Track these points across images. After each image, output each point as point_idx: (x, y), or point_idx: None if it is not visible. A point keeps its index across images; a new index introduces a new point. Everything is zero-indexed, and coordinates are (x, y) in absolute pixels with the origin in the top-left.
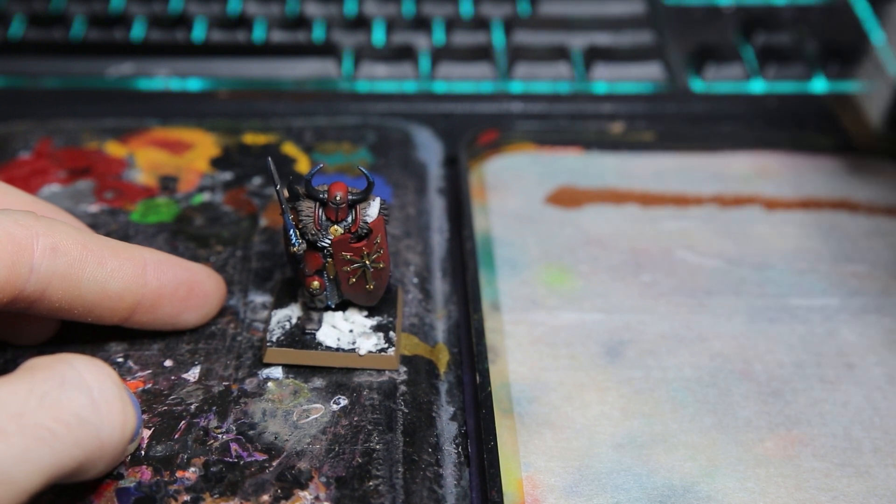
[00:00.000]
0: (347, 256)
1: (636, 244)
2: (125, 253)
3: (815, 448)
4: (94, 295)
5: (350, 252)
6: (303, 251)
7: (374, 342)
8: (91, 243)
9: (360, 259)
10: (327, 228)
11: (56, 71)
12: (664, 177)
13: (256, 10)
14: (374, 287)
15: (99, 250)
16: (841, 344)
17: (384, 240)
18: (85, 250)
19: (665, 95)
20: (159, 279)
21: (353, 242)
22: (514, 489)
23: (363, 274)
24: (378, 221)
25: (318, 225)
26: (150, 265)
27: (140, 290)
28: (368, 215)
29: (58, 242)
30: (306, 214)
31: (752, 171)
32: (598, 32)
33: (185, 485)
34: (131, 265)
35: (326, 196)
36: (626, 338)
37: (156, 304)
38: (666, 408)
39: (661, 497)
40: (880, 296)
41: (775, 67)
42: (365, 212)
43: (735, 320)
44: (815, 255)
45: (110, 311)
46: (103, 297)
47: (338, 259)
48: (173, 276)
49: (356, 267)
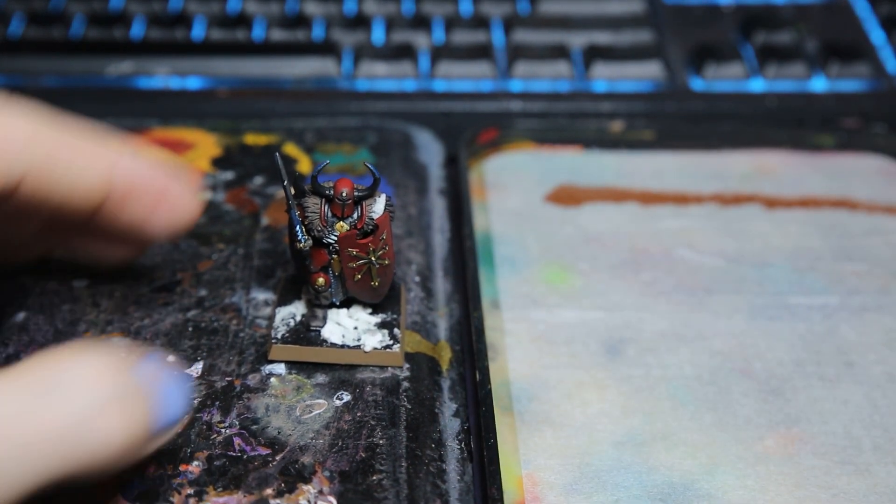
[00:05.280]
0: (353, 252)
1: (636, 243)
2: (99, 140)
3: (814, 446)
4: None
5: (356, 248)
6: (309, 248)
7: (378, 339)
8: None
9: (366, 255)
10: (333, 225)
11: (55, 70)
12: (664, 175)
13: (256, 9)
14: (378, 284)
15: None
16: (841, 342)
17: (390, 236)
18: (55, 142)
19: (665, 94)
20: (133, 169)
21: (360, 239)
22: (514, 487)
23: (368, 270)
24: (384, 218)
25: (324, 221)
26: (125, 154)
27: (111, 179)
28: (374, 212)
29: (31, 134)
30: (312, 211)
31: (751, 170)
32: (598, 31)
33: (189, 478)
34: (106, 150)
35: (332, 192)
36: (626, 336)
37: (126, 198)
38: (666, 406)
39: (661, 495)
40: (880, 294)
41: (775, 66)
42: (371, 208)
43: (735, 318)
44: (815, 254)
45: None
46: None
47: (343, 255)
48: (148, 171)
49: (362, 263)
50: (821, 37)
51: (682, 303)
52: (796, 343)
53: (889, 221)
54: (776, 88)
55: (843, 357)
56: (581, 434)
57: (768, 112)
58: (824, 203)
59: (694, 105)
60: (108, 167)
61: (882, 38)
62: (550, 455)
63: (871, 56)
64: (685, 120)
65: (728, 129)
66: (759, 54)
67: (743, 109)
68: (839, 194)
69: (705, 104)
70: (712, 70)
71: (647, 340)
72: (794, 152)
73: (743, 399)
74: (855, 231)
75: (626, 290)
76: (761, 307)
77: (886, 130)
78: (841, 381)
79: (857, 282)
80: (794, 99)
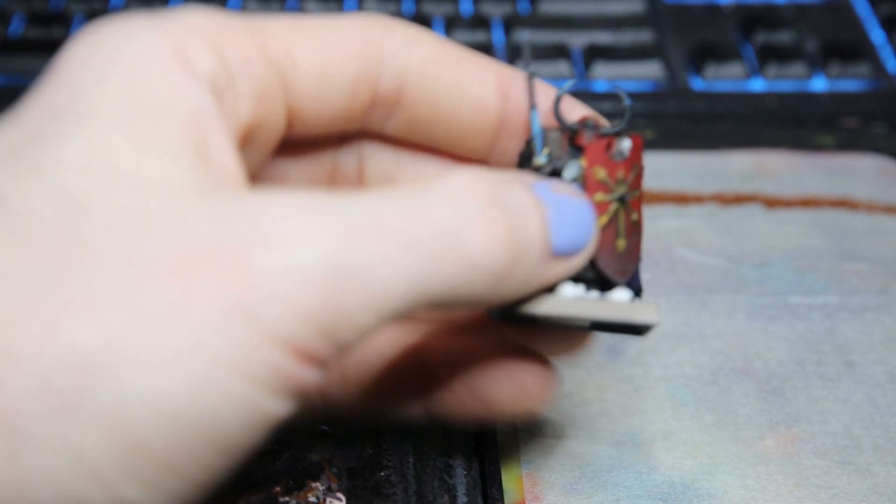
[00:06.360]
0: (602, 175)
1: None
2: (486, 59)
3: (815, 446)
4: (455, 102)
5: (606, 168)
6: (547, 172)
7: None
8: (446, 43)
9: (615, 185)
10: (577, 157)
11: None
12: (664, 175)
13: (256, 8)
14: (624, 248)
15: (455, 51)
16: (841, 342)
17: (641, 181)
18: (440, 48)
19: (665, 94)
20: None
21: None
22: (514, 487)
23: (616, 218)
24: (637, 146)
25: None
26: (514, 79)
27: (505, 105)
28: (625, 146)
29: (411, 37)
30: (554, 140)
31: (752, 170)
32: (598, 31)
33: None
34: (495, 69)
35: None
36: (626, 335)
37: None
38: (666, 405)
39: (661, 494)
40: (880, 294)
41: (775, 66)
42: (621, 144)
43: (735, 318)
44: (816, 254)
45: (473, 129)
46: (463, 107)
47: (589, 182)
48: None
49: (609, 199)
50: (821, 37)
51: (682, 302)
52: (797, 343)
53: (889, 221)
54: (776, 88)
55: (844, 357)
56: (581, 433)
57: (768, 112)
58: (824, 203)
59: (694, 105)
60: (500, 84)
61: (882, 38)
62: (550, 455)
63: (871, 56)
64: (685, 120)
65: (728, 129)
66: (759, 54)
67: (743, 109)
68: (839, 194)
69: (705, 104)
70: (712, 70)
71: (648, 340)
72: (794, 152)
73: (743, 399)
74: (855, 231)
75: None
76: (761, 307)
77: (886, 130)
78: (841, 380)
79: (858, 282)
80: (794, 99)
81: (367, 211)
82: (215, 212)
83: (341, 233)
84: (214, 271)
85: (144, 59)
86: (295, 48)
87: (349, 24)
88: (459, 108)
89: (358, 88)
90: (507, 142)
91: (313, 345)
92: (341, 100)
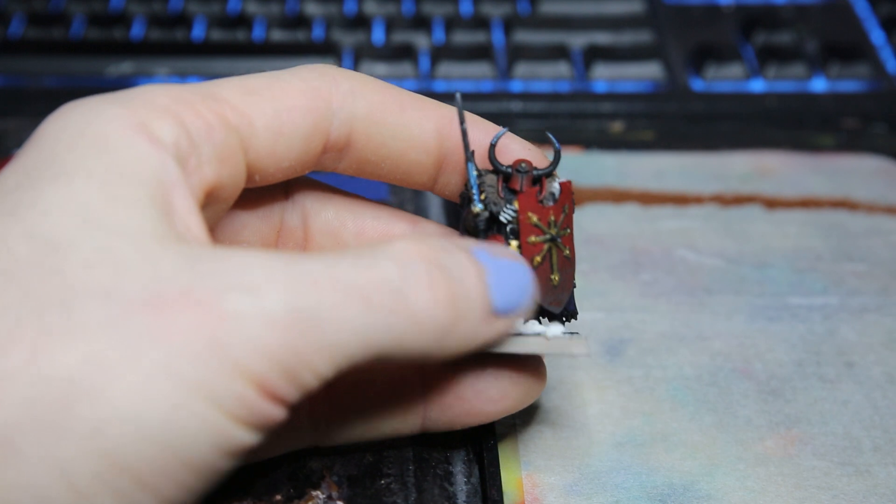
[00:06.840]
0: (534, 220)
1: (636, 243)
2: (425, 102)
3: (815, 447)
4: (399, 144)
5: (537, 214)
6: (484, 218)
7: (559, 328)
8: (389, 89)
9: (547, 228)
10: (511, 202)
11: (56, 70)
12: (664, 176)
13: (256, 9)
14: (558, 281)
15: (397, 96)
16: (841, 343)
17: (571, 222)
18: (383, 95)
19: (665, 95)
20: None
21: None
22: (514, 488)
23: (549, 255)
24: (567, 189)
25: (501, 196)
26: (453, 120)
27: (444, 143)
28: (555, 188)
29: (356, 86)
30: (489, 185)
31: (751, 171)
32: (598, 31)
33: None
34: (434, 112)
35: (510, 168)
36: (626, 336)
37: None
38: (666, 406)
39: (661, 496)
40: (880, 295)
41: (775, 67)
42: (551, 185)
43: (735, 319)
44: (815, 254)
45: (418, 166)
46: (407, 147)
47: (523, 226)
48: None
49: (543, 241)
50: (821, 37)
51: (682, 303)
52: (796, 344)
53: (889, 221)
54: (776, 89)
55: (844, 358)
56: (581, 435)
57: (768, 112)
58: (824, 203)
59: (694, 105)
60: (438, 126)
61: (882, 38)
62: (550, 456)
63: (871, 56)
64: (685, 120)
65: (728, 130)
66: (759, 55)
67: (743, 110)
68: (839, 194)
69: (705, 104)
70: (712, 70)
71: (648, 341)
72: (794, 152)
73: (743, 400)
74: (855, 231)
75: (626, 291)
76: (761, 308)
77: (886, 130)
78: (841, 381)
79: (857, 282)
80: (794, 99)
81: (323, 267)
82: (184, 260)
83: (302, 284)
84: (189, 308)
85: (112, 131)
86: (250, 110)
87: (298, 80)
88: (403, 149)
89: (311, 140)
90: (449, 175)
91: (278, 384)
92: (297, 152)
